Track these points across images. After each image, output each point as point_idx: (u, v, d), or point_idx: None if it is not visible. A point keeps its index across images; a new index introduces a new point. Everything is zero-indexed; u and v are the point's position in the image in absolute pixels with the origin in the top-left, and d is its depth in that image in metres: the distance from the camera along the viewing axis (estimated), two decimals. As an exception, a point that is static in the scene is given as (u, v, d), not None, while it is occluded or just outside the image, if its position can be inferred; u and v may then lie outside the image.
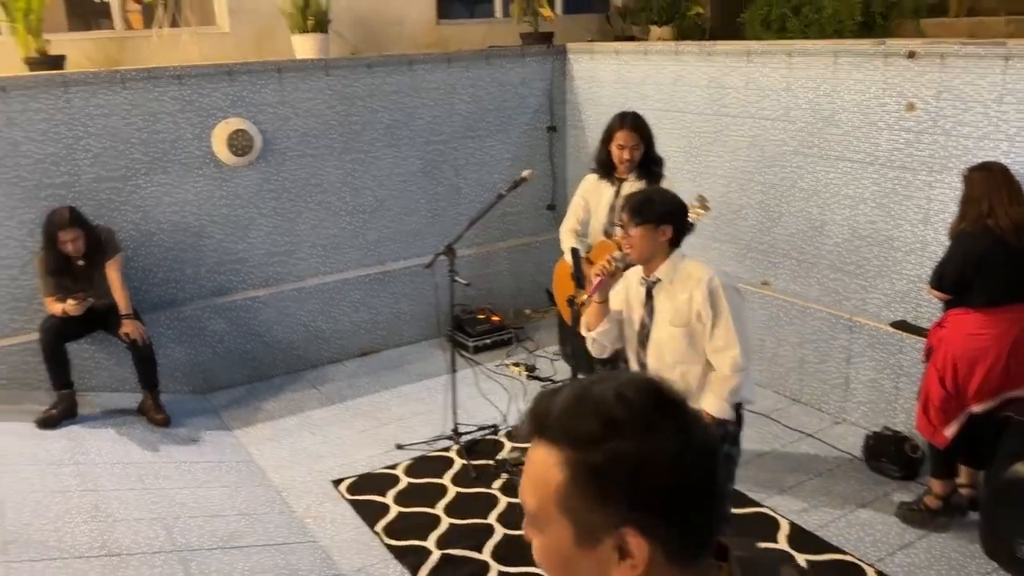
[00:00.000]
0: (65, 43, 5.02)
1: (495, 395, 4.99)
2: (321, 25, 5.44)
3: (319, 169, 5.43)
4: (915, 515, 3.66)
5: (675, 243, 2.88)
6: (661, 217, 2.84)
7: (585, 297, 2.99)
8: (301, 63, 5.33)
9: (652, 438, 0.85)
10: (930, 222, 4.08)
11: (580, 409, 0.88)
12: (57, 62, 4.81)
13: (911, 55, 4.02)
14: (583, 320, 3.04)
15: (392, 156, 5.69)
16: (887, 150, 4.22)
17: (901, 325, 4.27)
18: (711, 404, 2.90)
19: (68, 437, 4.27)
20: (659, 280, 2.85)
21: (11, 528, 3.30)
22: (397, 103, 5.63)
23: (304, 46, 5.45)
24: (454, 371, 4.48)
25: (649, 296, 2.87)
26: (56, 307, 4.35)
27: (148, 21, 5.61)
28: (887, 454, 4.06)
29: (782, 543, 3.58)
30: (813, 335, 4.70)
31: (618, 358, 3.24)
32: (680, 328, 2.80)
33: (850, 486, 4.00)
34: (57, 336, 4.39)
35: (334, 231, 5.58)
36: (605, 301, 2.94)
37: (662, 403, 0.88)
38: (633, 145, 4.09)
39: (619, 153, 4.11)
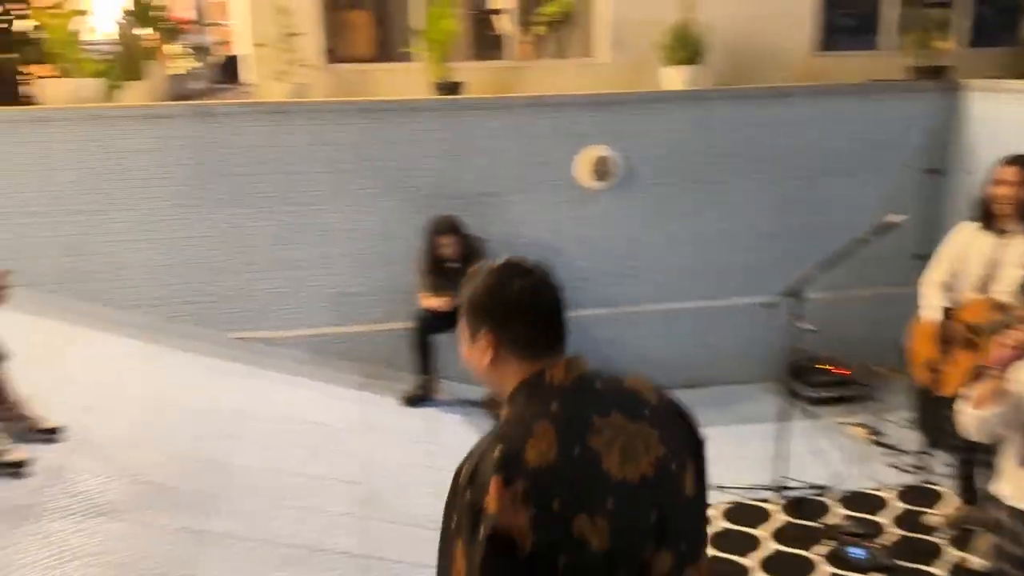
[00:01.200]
0: (465, 70, 5.69)
1: (829, 454, 4.65)
2: (695, 57, 5.52)
3: (671, 197, 5.51)
4: None
5: None
6: None
7: (984, 368, 2.57)
8: (668, 94, 5.46)
9: (485, 288, 1.45)
10: None
11: None
12: (453, 88, 5.46)
13: None
14: (973, 394, 2.62)
15: (746, 189, 5.58)
16: None
17: None
18: None
19: (424, 418, 4.83)
20: None
21: (368, 488, 3.82)
22: (761, 135, 5.51)
23: (673, 77, 5.57)
24: (786, 420, 4.26)
25: None
26: (429, 302, 4.95)
27: (537, 52, 6.15)
28: None
29: None
30: None
31: (997, 444, 2.77)
32: None
33: None
34: (426, 328, 4.99)
35: (676, 260, 5.62)
36: (1006, 378, 2.52)
37: (508, 266, 1.48)
38: (1017, 182, 3.57)
39: (996, 190, 3.62)
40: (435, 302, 4.92)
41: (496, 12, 6.46)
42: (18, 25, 5.56)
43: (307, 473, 3.84)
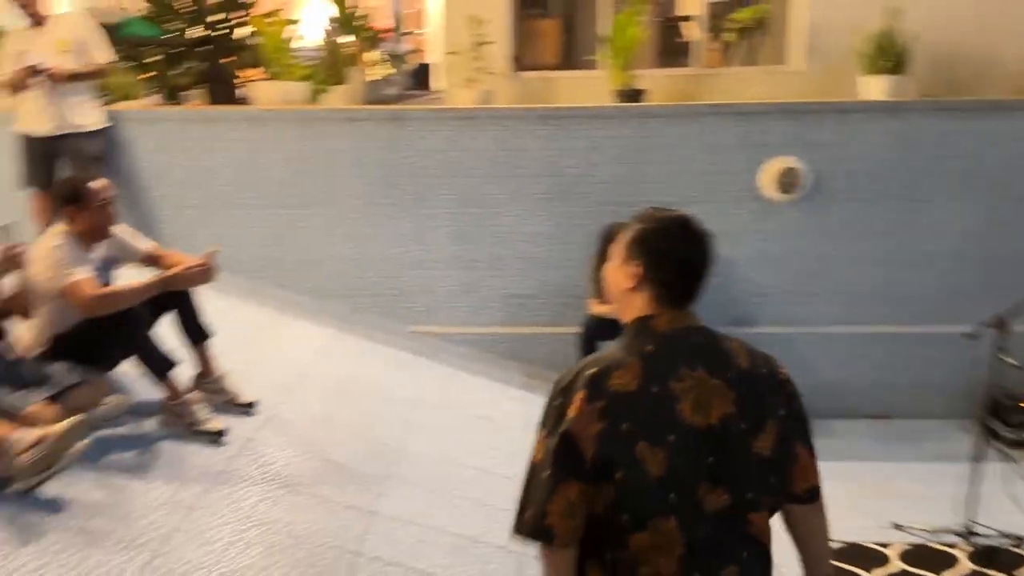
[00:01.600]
0: (650, 78, 5.64)
1: (1029, 502, 4.22)
2: (898, 67, 5.18)
3: (863, 214, 5.20)
4: None
5: None
6: None
7: None
8: (866, 104, 5.16)
9: (657, 230, 1.64)
10: None
11: None
12: (635, 95, 5.43)
13: None
14: None
15: (947, 208, 5.17)
16: None
17: None
18: None
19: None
20: None
21: (498, 487, 3.87)
22: (968, 151, 5.09)
23: (873, 87, 5.25)
24: (980, 461, 3.91)
25: None
26: (598, 309, 4.95)
27: (725, 59, 6.00)
28: None
29: None
30: None
31: None
32: None
33: None
34: (593, 334, 4.98)
35: (867, 280, 5.29)
36: None
37: (682, 219, 1.65)
38: None
39: None
40: (604, 308, 4.91)
41: (685, 19, 6.37)
42: (237, 32, 6.12)
43: (472, 465, 3.95)
